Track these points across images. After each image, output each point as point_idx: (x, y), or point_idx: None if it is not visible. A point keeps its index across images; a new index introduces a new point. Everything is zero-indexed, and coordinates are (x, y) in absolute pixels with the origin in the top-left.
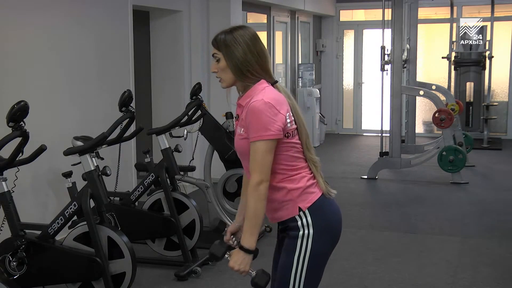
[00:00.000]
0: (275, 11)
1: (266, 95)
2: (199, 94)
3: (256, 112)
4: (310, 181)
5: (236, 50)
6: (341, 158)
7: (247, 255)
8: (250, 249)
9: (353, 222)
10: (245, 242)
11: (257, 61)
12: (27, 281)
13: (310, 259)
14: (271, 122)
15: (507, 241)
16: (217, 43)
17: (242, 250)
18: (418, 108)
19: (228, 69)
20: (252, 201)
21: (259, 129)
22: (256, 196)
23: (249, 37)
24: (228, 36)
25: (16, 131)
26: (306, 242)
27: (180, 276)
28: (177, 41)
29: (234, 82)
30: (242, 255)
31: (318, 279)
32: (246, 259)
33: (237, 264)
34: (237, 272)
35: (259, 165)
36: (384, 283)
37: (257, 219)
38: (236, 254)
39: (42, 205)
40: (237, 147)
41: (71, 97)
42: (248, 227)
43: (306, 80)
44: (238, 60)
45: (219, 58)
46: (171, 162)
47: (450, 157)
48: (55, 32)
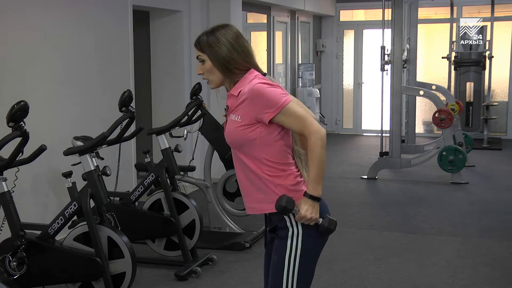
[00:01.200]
0: (275, 11)
1: (260, 79)
2: (199, 94)
3: (262, 91)
4: (297, 178)
5: (220, 50)
6: (341, 158)
7: (315, 203)
8: (318, 197)
9: (353, 222)
10: (313, 191)
11: (243, 58)
12: (27, 281)
13: (301, 258)
14: (278, 91)
15: (507, 241)
16: (200, 45)
17: (311, 199)
18: (418, 108)
19: (215, 69)
20: (317, 150)
21: (276, 100)
22: (320, 144)
23: (231, 36)
24: (210, 37)
25: (16, 131)
26: (296, 241)
27: (180, 276)
28: (177, 41)
29: (222, 81)
30: (311, 203)
31: (311, 276)
32: (316, 207)
33: (309, 212)
34: (308, 221)
35: (306, 118)
36: (384, 283)
37: (323, 167)
38: (306, 203)
39: (42, 205)
40: (232, 137)
41: (71, 97)
42: (314, 175)
43: (306, 80)
44: (223, 59)
45: (203, 59)
46: (171, 162)
47: (450, 157)
48: (55, 32)
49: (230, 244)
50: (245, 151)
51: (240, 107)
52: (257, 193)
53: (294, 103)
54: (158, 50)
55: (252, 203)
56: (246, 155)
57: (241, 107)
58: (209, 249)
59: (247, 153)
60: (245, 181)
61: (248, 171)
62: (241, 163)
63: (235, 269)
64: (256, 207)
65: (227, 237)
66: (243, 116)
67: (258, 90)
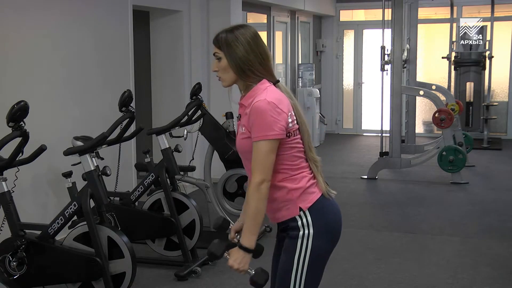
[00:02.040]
0: (275, 11)
1: (269, 95)
2: (199, 94)
3: (260, 112)
4: (311, 181)
5: (237, 49)
6: (341, 158)
7: (246, 254)
8: (249, 248)
9: (353, 222)
10: (245, 241)
11: (259, 61)
12: (27, 281)
13: (311, 259)
14: (274, 121)
15: (507, 241)
16: (219, 42)
17: (241, 249)
18: (418, 108)
19: (230, 68)
20: (253, 201)
21: (263, 128)
22: (257, 196)
23: (250, 36)
24: (229, 35)
25: (16, 131)
26: (306, 242)
27: (180, 276)
28: (177, 41)
29: (235, 81)
30: (241, 254)
31: (319, 279)
32: (245, 258)
33: (237, 263)
34: (236, 271)
35: (261, 165)
36: (384, 283)
37: (257, 219)
38: (236, 253)
39: (42, 205)
40: (239, 146)
41: (71, 97)
42: (248, 226)
43: (306, 80)
44: (240, 59)
45: (220, 57)
46: (171, 162)
47: (450, 157)
48: (55, 32)
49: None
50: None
51: (244, 118)
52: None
53: (271, 143)
54: (158, 50)
55: (270, 213)
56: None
57: (246, 119)
58: None
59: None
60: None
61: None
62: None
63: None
64: (276, 216)
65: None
66: (246, 128)
67: (257, 109)
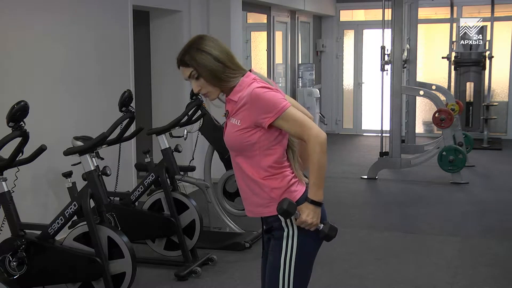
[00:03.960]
0: (275, 11)
1: (259, 83)
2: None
3: (261, 96)
4: (293, 180)
5: (206, 60)
6: (341, 158)
7: (317, 208)
8: (319, 202)
9: (353, 222)
10: (313, 195)
11: (229, 60)
12: (27, 281)
13: (297, 258)
14: (278, 96)
15: (507, 241)
16: (187, 62)
17: (311, 203)
18: (418, 108)
19: (208, 82)
20: (316, 155)
21: (275, 105)
22: (319, 149)
23: (210, 43)
24: (192, 52)
25: (16, 131)
26: (291, 241)
27: (180, 276)
28: (177, 41)
29: (219, 90)
30: (312, 208)
31: (307, 277)
32: (317, 212)
33: (310, 217)
34: (309, 226)
35: (305, 124)
36: (384, 283)
37: (321, 172)
38: (307, 208)
39: (42, 205)
40: (229, 140)
41: (71, 97)
42: (314, 180)
43: (306, 80)
44: (212, 69)
45: (196, 74)
46: (171, 162)
47: (450, 157)
48: (55, 32)
49: (230, 244)
50: (244, 155)
51: (240, 111)
52: (254, 197)
53: (293, 107)
54: (158, 50)
55: (251, 206)
56: (245, 160)
57: (241, 111)
58: (209, 249)
59: (245, 158)
60: (242, 185)
61: (245, 176)
62: (239, 168)
63: (235, 269)
64: (254, 211)
65: (227, 237)
66: (243, 120)
67: (257, 94)
